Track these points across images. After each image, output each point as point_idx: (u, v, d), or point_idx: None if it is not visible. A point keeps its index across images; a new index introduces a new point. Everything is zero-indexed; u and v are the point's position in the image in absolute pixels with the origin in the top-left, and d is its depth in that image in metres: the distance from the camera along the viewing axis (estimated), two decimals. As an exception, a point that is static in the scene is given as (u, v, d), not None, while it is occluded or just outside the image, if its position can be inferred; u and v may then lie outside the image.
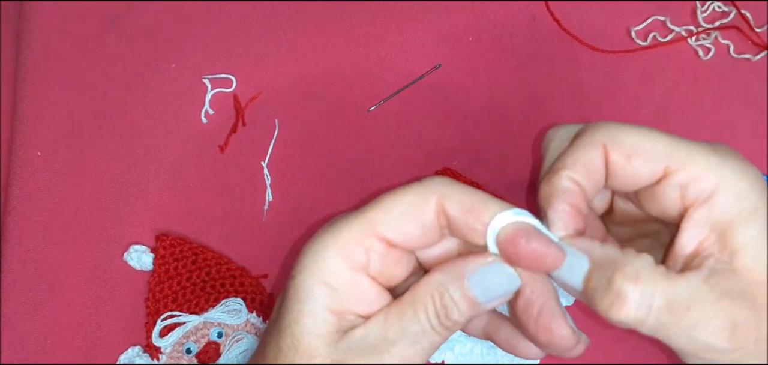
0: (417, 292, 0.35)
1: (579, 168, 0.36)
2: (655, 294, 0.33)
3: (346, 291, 0.35)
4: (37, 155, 0.58)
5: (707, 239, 0.35)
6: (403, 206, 0.35)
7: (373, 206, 0.35)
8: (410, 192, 0.35)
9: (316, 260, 0.35)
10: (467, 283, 0.34)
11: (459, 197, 0.35)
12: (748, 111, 0.58)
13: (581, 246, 0.35)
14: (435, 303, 0.34)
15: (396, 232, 0.35)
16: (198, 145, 0.59)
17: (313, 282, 0.35)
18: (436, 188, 0.35)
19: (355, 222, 0.35)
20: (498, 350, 0.50)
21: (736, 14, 0.61)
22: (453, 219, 0.35)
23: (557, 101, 0.59)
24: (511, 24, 0.62)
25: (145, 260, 0.54)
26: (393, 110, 0.60)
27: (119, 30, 0.62)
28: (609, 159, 0.36)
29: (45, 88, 0.60)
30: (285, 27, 0.62)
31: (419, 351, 0.35)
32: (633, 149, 0.36)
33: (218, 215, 0.57)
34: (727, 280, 0.34)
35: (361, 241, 0.35)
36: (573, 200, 0.36)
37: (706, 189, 0.35)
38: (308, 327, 0.35)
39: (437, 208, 0.35)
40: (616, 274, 0.33)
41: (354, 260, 0.35)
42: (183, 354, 0.52)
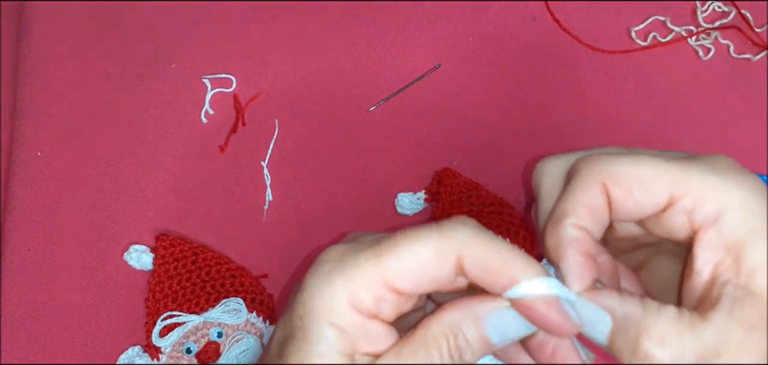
0: (430, 330, 0.33)
1: (582, 212, 0.35)
2: (685, 351, 0.32)
3: (355, 333, 0.33)
4: (37, 154, 0.58)
5: (722, 263, 0.34)
6: (420, 258, 0.33)
7: (387, 249, 0.33)
8: (429, 243, 0.33)
9: (324, 300, 0.33)
10: (484, 325, 0.33)
11: (479, 255, 0.33)
12: (748, 111, 0.58)
13: (602, 303, 0.34)
14: (449, 344, 0.33)
15: (409, 283, 0.33)
16: (198, 145, 0.59)
17: (322, 324, 0.33)
18: (457, 244, 0.33)
19: (367, 266, 0.32)
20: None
21: (736, 14, 0.61)
22: (471, 276, 0.33)
23: (557, 100, 0.59)
24: (511, 24, 0.62)
25: (145, 260, 0.54)
26: (393, 110, 0.60)
27: (119, 30, 0.62)
28: (610, 195, 0.35)
29: (45, 88, 0.60)
30: (285, 27, 0.62)
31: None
32: (633, 183, 0.34)
33: (218, 215, 0.57)
34: (749, 310, 0.32)
35: (372, 290, 0.33)
36: (583, 248, 0.35)
37: (712, 212, 0.34)
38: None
39: (456, 264, 0.33)
40: (641, 338, 0.32)
41: (363, 306, 0.33)
42: (183, 354, 0.52)
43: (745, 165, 0.55)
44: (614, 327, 0.33)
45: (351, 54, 0.61)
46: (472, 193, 0.54)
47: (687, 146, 0.49)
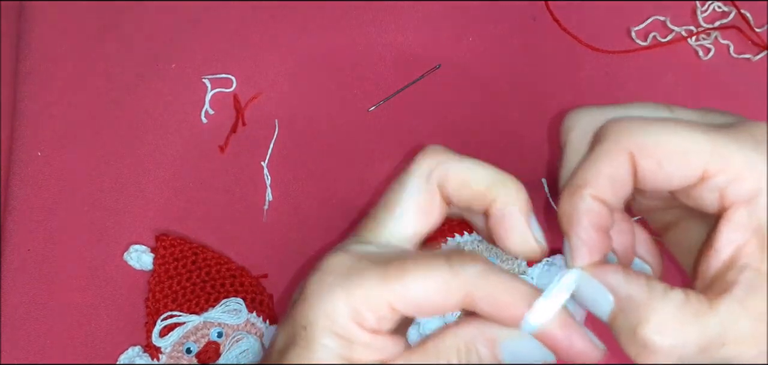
0: (444, 341, 0.33)
1: (603, 183, 0.33)
2: (686, 341, 0.31)
3: (358, 343, 0.33)
4: (37, 154, 0.58)
5: (746, 246, 0.32)
6: (427, 290, 0.32)
7: (395, 275, 0.32)
8: (438, 277, 0.32)
9: (327, 312, 0.32)
10: (500, 349, 0.33)
11: (490, 293, 0.32)
12: (749, 111, 0.58)
13: (606, 281, 0.33)
14: (460, 358, 0.33)
15: (412, 310, 0.33)
16: (198, 145, 0.59)
17: (325, 334, 0.32)
18: (465, 282, 0.32)
19: (371, 287, 0.32)
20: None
21: (736, 14, 0.61)
22: (480, 312, 0.33)
23: (557, 101, 0.59)
24: (511, 24, 0.62)
25: (145, 260, 0.54)
26: (393, 109, 0.60)
27: (119, 30, 0.62)
28: (638, 165, 0.33)
29: (45, 87, 0.60)
30: (285, 27, 0.62)
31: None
32: (665, 155, 0.32)
33: (218, 215, 0.57)
34: (763, 301, 0.31)
35: (375, 308, 0.32)
36: (597, 222, 0.33)
37: (747, 191, 0.32)
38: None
39: (465, 301, 0.32)
40: (641, 324, 0.31)
41: (365, 323, 0.33)
42: (183, 354, 0.52)
43: (745, 165, 0.55)
44: (616, 307, 0.32)
45: (351, 54, 0.61)
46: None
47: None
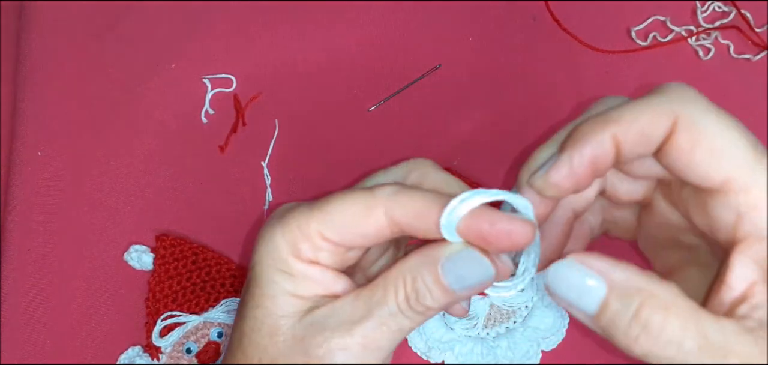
0: (390, 274, 0.34)
1: (633, 131, 0.31)
2: (686, 334, 0.29)
3: (302, 278, 0.35)
4: (37, 154, 0.58)
5: (759, 284, 0.30)
6: (349, 215, 0.34)
7: (321, 205, 0.35)
8: (357, 201, 0.34)
9: (270, 251, 0.35)
10: (440, 270, 0.33)
11: (406, 203, 0.34)
12: (749, 111, 0.58)
13: (597, 267, 0.31)
14: (406, 287, 0.34)
15: (341, 237, 0.35)
16: (198, 145, 0.59)
17: (271, 270, 0.35)
18: (383, 199, 0.34)
19: (303, 218, 0.35)
20: (498, 350, 0.50)
21: (736, 14, 0.61)
22: (405, 227, 0.34)
23: (557, 101, 0.59)
24: (511, 24, 0.62)
25: (145, 260, 0.54)
26: (393, 110, 0.60)
27: (119, 30, 0.62)
28: (674, 137, 0.31)
29: (45, 88, 0.60)
30: (285, 27, 0.62)
31: (386, 333, 0.34)
32: (704, 140, 0.31)
33: (218, 215, 0.57)
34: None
35: (308, 238, 0.35)
36: (596, 163, 0.32)
37: (764, 224, 0.30)
38: (270, 309, 0.35)
39: (386, 218, 0.34)
40: (644, 303, 0.30)
41: (302, 255, 0.35)
42: (183, 354, 0.52)
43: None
44: (609, 292, 0.31)
45: (351, 54, 0.61)
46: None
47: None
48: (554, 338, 0.51)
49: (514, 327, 0.51)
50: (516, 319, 0.51)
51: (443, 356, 0.51)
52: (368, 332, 0.34)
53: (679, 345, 0.30)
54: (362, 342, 0.34)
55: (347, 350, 0.34)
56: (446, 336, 0.51)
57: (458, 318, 0.51)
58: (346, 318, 0.34)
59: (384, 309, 0.34)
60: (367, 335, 0.34)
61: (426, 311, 0.34)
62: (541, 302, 0.52)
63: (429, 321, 0.51)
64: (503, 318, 0.51)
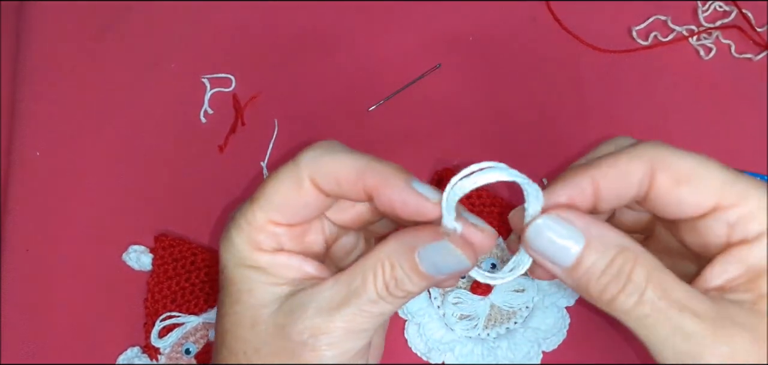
0: (368, 259, 0.35)
1: (612, 176, 0.34)
2: (651, 283, 0.31)
3: (272, 267, 0.36)
4: (35, 154, 0.58)
5: (738, 280, 0.32)
6: (282, 191, 0.36)
7: (259, 193, 0.36)
8: (284, 176, 0.36)
9: (232, 253, 0.36)
10: (417, 258, 0.34)
11: (327, 169, 0.35)
12: (750, 111, 0.58)
13: (577, 222, 0.33)
14: (384, 274, 0.34)
15: (285, 215, 0.36)
16: (197, 145, 0.59)
17: (240, 268, 0.36)
18: (306, 167, 0.35)
19: (248, 213, 0.36)
20: (498, 351, 0.50)
21: (737, 14, 0.61)
22: (330, 191, 0.35)
23: (558, 100, 0.59)
24: (511, 24, 0.62)
25: (143, 260, 0.54)
26: (393, 109, 0.59)
27: (118, 30, 0.62)
28: (654, 181, 0.33)
29: (44, 87, 0.60)
30: (284, 27, 0.62)
31: (367, 318, 0.35)
32: (684, 175, 0.33)
33: (218, 215, 0.57)
34: (744, 316, 0.31)
35: (261, 229, 0.36)
36: (578, 201, 0.34)
37: (753, 230, 0.32)
38: (248, 302, 0.36)
39: (313, 185, 0.35)
40: (618, 255, 0.32)
41: (263, 245, 0.36)
42: (182, 355, 0.52)
43: (746, 165, 0.55)
44: (586, 245, 0.32)
45: (351, 54, 0.61)
46: (472, 193, 0.54)
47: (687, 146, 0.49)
48: (555, 339, 0.51)
49: (514, 327, 0.51)
50: (516, 320, 0.51)
51: (443, 357, 0.51)
52: (349, 317, 0.34)
53: (641, 293, 0.31)
54: (344, 326, 0.34)
55: (329, 334, 0.34)
56: (446, 336, 0.51)
57: (458, 319, 0.51)
58: (326, 304, 0.35)
59: (364, 296, 0.34)
60: (349, 320, 0.34)
61: (407, 295, 0.35)
62: (542, 303, 0.51)
63: (429, 322, 0.51)
64: (504, 318, 0.51)
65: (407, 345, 0.52)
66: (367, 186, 0.35)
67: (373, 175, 0.35)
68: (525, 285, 0.51)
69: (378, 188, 0.35)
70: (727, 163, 0.54)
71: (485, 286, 0.51)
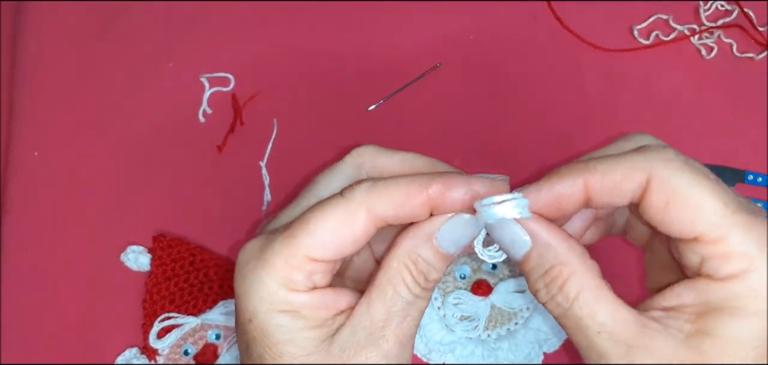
0: (390, 267, 0.35)
1: (606, 182, 0.34)
2: (580, 299, 0.33)
3: (307, 309, 0.34)
4: (34, 155, 0.58)
5: (688, 308, 0.33)
6: (331, 228, 0.34)
7: (300, 227, 0.34)
8: (336, 211, 0.34)
9: (264, 297, 0.34)
10: (436, 241, 0.34)
11: (387, 196, 0.34)
12: (751, 110, 0.58)
13: (530, 227, 0.34)
14: (412, 272, 0.34)
15: (328, 252, 0.34)
16: (196, 144, 0.58)
17: (274, 316, 0.34)
18: (362, 200, 0.34)
19: (287, 250, 0.34)
20: (499, 352, 0.50)
21: (739, 13, 0.60)
22: (390, 219, 0.34)
23: (559, 99, 0.59)
24: (512, 23, 0.62)
25: (142, 261, 0.54)
26: (393, 109, 0.59)
27: (116, 30, 0.62)
28: (647, 194, 0.33)
29: (42, 88, 0.60)
30: (283, 26, 0.62)
31: (411, 322, 0.35)
32: (673, 198, 0.32)
33: (216, 215, 0.56)
34: (667, 346, 0.32)
35: (299, 267, 0.34)
36: (564, 203, 0.34)
37: (723, 271, 0.32)
38: (294, 353, 0.34)
39: (369, 217, 0.34)
40: (556, 266, 0.33)
41: (297, 284, 0.34)
42: (181, 356, 0.52)
43: (746, 165, 0.55)
44: (532, 248, 0.34)
45: (351, 53, 0.61)
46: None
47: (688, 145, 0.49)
48: (556, 340, 0.51)
49: (515, 329, 0.51)
50: (517, 321, 0.51)
51: (444, 358, 0.50)
52: (397, 330, 0.34)
53: (567, 308, 0.33)
54: (396, 341, 0.34)
55: (387, 355, 0.34)
56: (447, 337, 0.51)
57: (459, 320, 0.51)
58: (371, 329, 0.34)
59: (401, 303, 0.34)
60: (398, 333, 0.34)
61: (434, 283, 0.35)
62: (543, 303, 0.51)
63: (430, 323, 0.51)
64: (504, 319, 0.51)
65: (407, 346, 0.51)
66: (431, 198, 0.34)
67: (436, 185, 0.34)
68: (525, 286, 0.51)
69: (443, 195, 0.34)
70: (728, 163, 0.55)
71: (486, 286, 0.51)
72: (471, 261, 0.52)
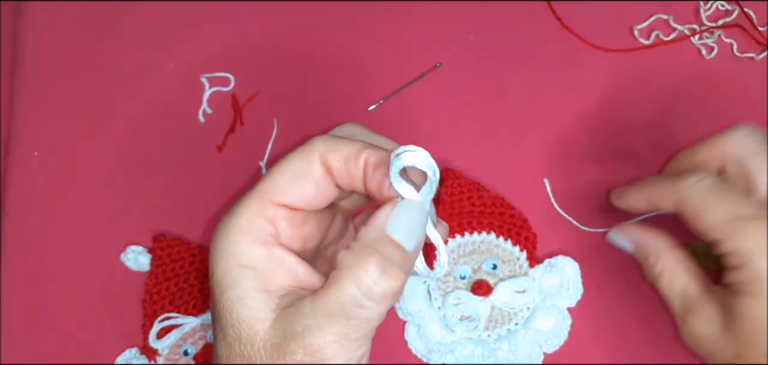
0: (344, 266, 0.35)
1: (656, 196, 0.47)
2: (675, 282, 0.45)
3: (266, 267, 0.35)
4: (34, 155, 0.58)
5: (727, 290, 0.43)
6: (291, 170, 0.36)
7: (264, 178, 0.36)
8: (295, 155, 0.36)
9: (226, 248, 0.35)
10: (388, 231, 0.35)
11: (338, 148, 0.36)
12: (751, 110, 0.58)
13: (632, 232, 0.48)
14: (367, 273, 0.34)
15: (291, 196, 0.36)
16: (196, 144, 0.58)
17: (230, 268, 0.35)
18: (318, 146, 0.36)
19: (251, 197, 0.36)
20: (499, 353, 0.50)
21: (739, 13, 0.60)
22: (336, 171, 0.36)
23: (559, 99, 0.59)
24: (512, 22, 0.61)
25: (142, 261, 0.54)
26: (393, 109, 0.59)
27: (116, 29, 0.62)
28: (680, 210, 0.44)
29: (41, 88, 0.60)
30: (284, 26, 0.62)
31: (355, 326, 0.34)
32: (696, 212, 0.43)
33: (216, 215, 0.56)
34: None
35: (262, 212, 0.35)
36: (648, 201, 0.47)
37: (731, 263, 0.41)
38: (242, 314, 0.35)
39: (323, 165, 0.36)
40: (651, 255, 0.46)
41: (261, 233, 0.35)
42: (181, 356, 0.52)
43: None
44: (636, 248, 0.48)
45: (350, 53, 0.61)
46: (473, 193, 0.54)
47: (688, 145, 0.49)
48: (556, 340, 0.51)
49: (515, 329, 0.51)
50: (517, 321, 0.51)
51: (444, 358, 0.50)
52: (341, 329, 0.34)
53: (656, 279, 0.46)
54: (336, 340, 0.34)
55: (322, 350, 0.34)
56: (447, 338, 0.50)
57: (459, 320, 0.51)
58: (315, 319, 0.34)
59: (348, 304, 0.34)
60: (340, 332, 0.34)
61: (391, 291, 0.34)
62: (543, 304, 0.51)
63: (429, 323, 0.51)
64: (504, 320, 0.51)
65: (407, 346, 0.51)
66: (368, 164, 0.36)
67: (374, 155, 0.36)
68: (526, 286, 0.51)
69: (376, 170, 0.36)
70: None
71: (486, 286, 0.51)
72: (471, 261, 0.52)
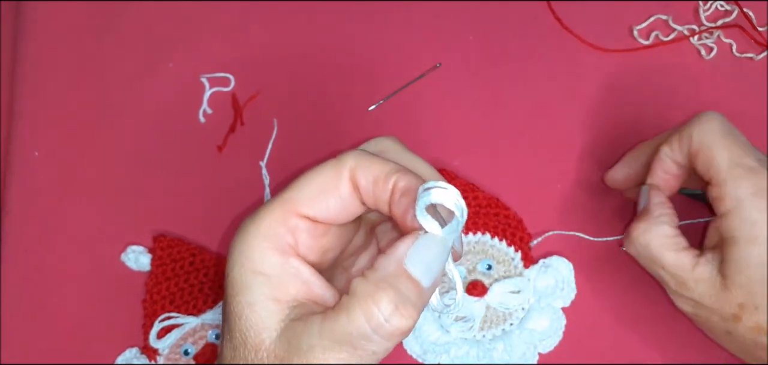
0: (356, 295, 0.33)
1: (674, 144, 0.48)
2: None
3: (280, 277, 0.35)
4: (34, 154, 0.58)
5: (717, 242, 0.44)
6: (319, 182, 0.35)
7: (290, 186, 0.36)
8: (325, 168, 0.36)
9: (243, 251, 0.35)
10: (406, 265, 0.34)
11: (367, 166, 0.35)
12: (751, 110, 0.58)
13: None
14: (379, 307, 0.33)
15: (315, 209, 0.35)
16: (196, 145, 0.58)
17: (245, 273, 0.34)
18: (349, 162, 0.35)
19: (275, 205, 0.35)
20: (494, 353, 0.50)
21: (738, 13, 0.60)
22: (363, 190, 0.35)
23: (559, 99, 0.59)
24: (511, 23, 0.62)
25: (142, 261, 0.54)
26: (393, 109, 0.59)
27: (117, 29, 0.62)
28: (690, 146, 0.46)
29: (42, 87, 0.60)
30: (283, 25, 0.62)
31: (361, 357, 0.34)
32: (701, 151, 0.45)
33: (216, 215, 0.56)
34: None
35: (283, 221, 0.35)
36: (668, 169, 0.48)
37: (721, 209, 0.43)
38: (251, 320, 0.34)
39: (352, 182, 0.35)
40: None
41: (279, 242, 0.35)
42: (181, 356, 0.52)
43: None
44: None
45: (351, 53, 0.61)
46: (468, 194, 0.54)
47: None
48: (551, 340, 0.51)
49: (510, 329, 0.51)
50: (512, 321, 0.51)
51: (439, 358, 0.50)
52: (346, 356, 0.33)
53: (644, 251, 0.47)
54: None
55: None
56: (442, 338, 0.51)
57: (454, 321, 0.51)
58: (321, 341, 0.33)
59: (356, 335, 0.33)
60: (344, 359, 0.33)
61: (400, 330, 0.34)
62: (538, 304, 0.51)
63: (424, 323, 0.51)
64: (499, 320, 0.51)
65: (402, 346, 0.51)
66: (396, 189, 0.35)
67: (403, 181, 0.35)
68: (520, 287, 0.51)
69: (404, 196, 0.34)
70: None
71: (481, 287, 0.51)
72: (466, 262, 0.52)
